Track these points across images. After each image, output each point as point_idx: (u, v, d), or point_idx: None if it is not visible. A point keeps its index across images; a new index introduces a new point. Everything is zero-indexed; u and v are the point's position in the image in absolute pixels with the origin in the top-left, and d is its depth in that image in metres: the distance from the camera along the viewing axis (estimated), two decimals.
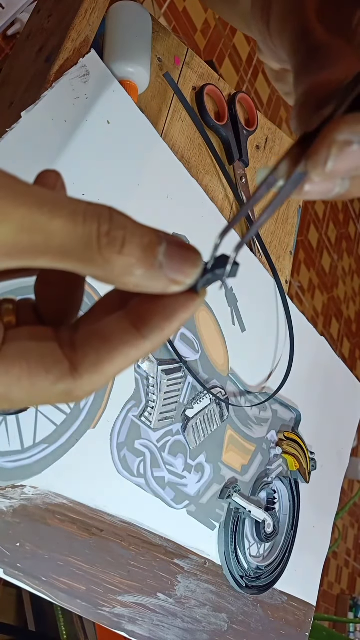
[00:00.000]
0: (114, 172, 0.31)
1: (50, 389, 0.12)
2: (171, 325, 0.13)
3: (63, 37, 0.30)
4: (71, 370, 0.12)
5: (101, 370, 0.12)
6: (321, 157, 0.13)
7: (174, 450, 0.33)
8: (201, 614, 0.34)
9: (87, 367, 0.12)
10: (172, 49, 0.38)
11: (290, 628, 0.41)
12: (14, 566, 0.25)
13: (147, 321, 0.12)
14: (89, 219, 0.11)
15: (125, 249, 0.11)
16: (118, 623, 0.29)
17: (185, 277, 0.12)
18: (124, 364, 0.12)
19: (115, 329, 0.12)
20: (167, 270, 0.12)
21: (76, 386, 0.12)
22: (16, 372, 0.12)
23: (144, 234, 0.12)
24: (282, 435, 0.42)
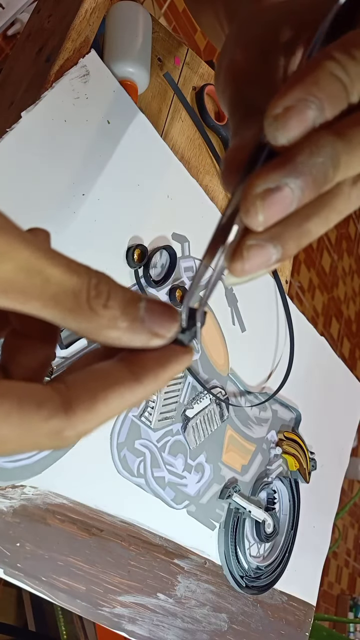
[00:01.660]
0: (114, 172, 0.31)
1: (41, 427, 0.11)
2: (165, 373, 0.13)
3: (63, 37, 0.30)
4: (64, 406, 0.12)
5: (95, 409, 0.12)
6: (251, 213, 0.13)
7: (174, 450, 0.33)
8: (201, 614, 0.34)
9: (81, 405, 0.12)
10: (172, 49, 0.38)
11: (290, 628, 0.41)
12: (14, 566, 0.25)
13: (143, 366, 0.13)
14: (83, 272, 0.12)
15: (110, 302, 0.12)
16: (118, 623, 0.29)
17: (166, 331, 0.13)
18: (118, 406, 0.12)
19: (110, 370, 0.12)
20: (149, 323, 0.13)
21: (69, 424, 0.12)
22: (6, 406, 0.11)
23: (126, 290, 0.13)
24: (282, 435, 0.42)
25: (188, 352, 0.13)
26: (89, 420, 0.12)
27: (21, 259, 0.11)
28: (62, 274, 0.12)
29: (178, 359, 0.13)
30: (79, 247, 0.29)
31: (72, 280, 0.12)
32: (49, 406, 0.12)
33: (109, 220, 0.31)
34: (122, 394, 0.12)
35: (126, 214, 0.32)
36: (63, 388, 0.12)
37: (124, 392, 0.12)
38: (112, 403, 0.12)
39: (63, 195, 0.29)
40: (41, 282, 0.11)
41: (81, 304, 0.12)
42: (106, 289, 0.12)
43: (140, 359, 0.13)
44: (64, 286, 0.12)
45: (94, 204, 0.30)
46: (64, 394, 0.12)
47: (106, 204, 0.31)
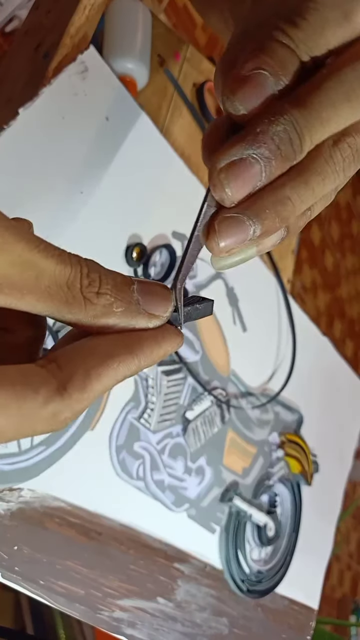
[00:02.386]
0: (113, 169, 0.31)
1: (39, 412, 0.11)
2: (160, 349, 0.13)
3: (61, 33, 0.30)
4: (59, 389, 0.12)
5: (90, 388, 0.12)
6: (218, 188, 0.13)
7: (174, 452, 0.33)
8: (201, 618, 0.33)
9: (76, 385, 0.12)
10: (172, 45, 0.37)
11: (292, 632, 0.40)
12: (11, 569, 0.24)
13: (138, 340, 0.13)
14: (74, 262, 0.12)
15: (102, 288, 0.12)
16: (117, 627, 0.28)
17: (162, 310, 0.13)
18: (112, 380, 0.12)
19: (103, 344, 0.12)
20: (144, 305, 0.13)
21: (65, 406, 0.12)
22: (2, 397, 0.11)
23: (116, 275, 0.13)
24: (284, 438, 0.41)
25: (179, 335, 0.13)
26: (85, 399, 0.12)
27: (15, 253, 0.11)
28: (55, 265, 0.12)
29: (171, 338, 0.13)
30: (78, 246, 0.29)
31: (65, 272, 0.12)
32: (45, 391, 0.11)
33: (107, 218, 0.30)
34: (116, 369, 0.12)
35: (125, 212, 0.31)
36: (55, 368, 0.12)
37: (118, 367, 0.12)
38: (106, 379, 0.12)
39: (61, 193, 0.28)
40: (35, 276, 0.11)
41: (75, 294, 0.12)
42: (97, 276, 0.12)
43: (136, 335, 0.13)
44: (57, 278, 0.12)
45: (92, 202, 0.29)
46: (57, 375, 0.12)
47: (105, 201, 0.30)
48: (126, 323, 0.12)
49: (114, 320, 0.12)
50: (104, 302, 0.12)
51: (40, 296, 0.11)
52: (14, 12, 0.48)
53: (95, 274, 0.12)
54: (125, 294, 0.12)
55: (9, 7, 0.46)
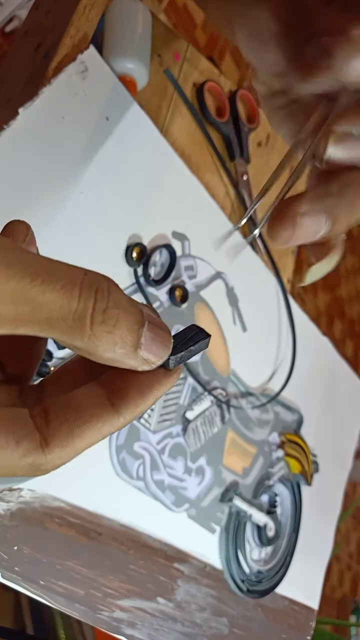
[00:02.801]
0: (113, 169, 0.31)
1: (18, 462, 0.12)
2: (146, 401, 0.13)
3: (61, 34, 0.30)
4: (42, 443, 0.12)
5: (72, 445, 0.12)
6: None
7: (174, 452, 0.33)
8: (201, 618, 0.33)
9: (58, 442, 0.12)
10: (172, 45, 0.37)
11: (292, 632, 0.40)
12: (11, 570, 0.24)
13: (123, 396, 0.12)
14: (85, 293, 0.11)
15: (115, 329, 0.11)
16: (117, 627, 0.28)
17: (157, 359, 0.12)
18: (95, 439, 0.12)
19: (89, 402, 0.12)
20: (144, 351, 0.12)
21: (45, 460, 0.12)
22: None
23: (133, 313, 0.12)
24: (284, 438, 0.41)
25: (171, 377, 0.13)
26: (65, 456, 0.12)
27: (6, 293, 0.10)
28: (59, 299, 0.11)
29: (160, 384, 0.13)
30: (77, 246, 0.29)
31: (72, 306, 0.11)
32: (27, 444, 0.12)
33: (107, 218, 0.30)
34: (100, 429, 0.12)
35: (125, 212, 0.31)
36: (43, 421, 0.12)
37: (102, 426, 0.12)
38: (89, 437, 0.12)
39: (61, 193, 0.28)
40: (31, 310, 0.10)
41: (83, 328, 0.11)
42: (115, 314, 0.11)
43: (122, 386, 0.12)
44: (61, 311, 0.11)
45: (92, 201, 0.29)
46: (43, 430, 0.12)
47: (105, 201, 0.30)
48: (120, 362, 0.12)
49: (112, 357, 0.12)
50: (110, 341, 0.11)
51: (38, 326, 0.11)
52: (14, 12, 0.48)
53: (114, 310, 0.11)
54: (133, 336, 0.12)
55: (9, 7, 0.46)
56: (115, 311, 0.11)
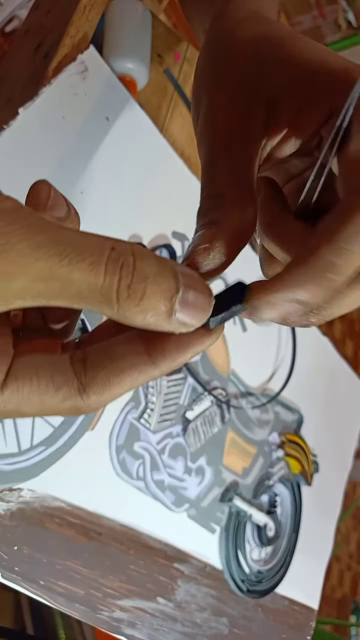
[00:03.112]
0: (113, 169, 0.31)
1: (58, 405, 0.12)
2: (184, 357, 0.13)
3: (61, 34, 0.30)
4: (79, 390, 0.12)
5: (109, 392, 0.12)
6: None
7: (174, 452, 0.33)
8: (201, 618, 0.33)
9: (95, 389, 0.12)
10: (172, 45, 0.37)
11: (292, 632, 0.40)
12: (11, 569, 0.24)
13: (160, 350, 0.13)
14: (111, 269, 0.11)
15: (143, 302, 0.11)
16: (117, 627, 0.28)
17: (195, 322, 0.12)
18: (130, 387, 0.13)
19: (127, 352, 0.13)
20: (179, 315, 0.12)
21: (83, 404, 0.12)
22: (26, 390, 0.12)
23: (162, 282, 0.12)
24: (284, 438, 0.41)
25: (211, 336, 0.13)
26: (101, 402, 0.13)
27: (34, 272, 0.10)
28: (86, 277, 0.11)
29: (198, 342, 0.13)
30: None
31: (98, 282, 0.11)
32: (65, 390, 0.12)
33: (107, 218, 0.30)
34: (136, 378, 0.13)
35: (125, 212, 0.31)
36: (81, 369, 0.12)
37: (137, 376, 0.13)
38: (125, 385, 0.13)
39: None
40: (61, 286, 0.11)
41: (110, 302, 0.11)
42: (142, 288, 0.11)
43: (160, 340, 0.13)
44: (89, 288, 0.11)
45: (92, 201, 0.29)
46: (81, 376, 0.12)
47: (105, 201, 0.30)
48: (154, 326, 0.12)
49: (144, 322, 0.12)
50: (139, 312, 0.11)
51: (69, 300, 0.11)
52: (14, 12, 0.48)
53: (140, 284, 0.11)
54: (165, 305, 0.12)
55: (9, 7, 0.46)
56: (141, 285, 0.11)
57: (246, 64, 0.16)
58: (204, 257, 0.14)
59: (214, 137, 0.16)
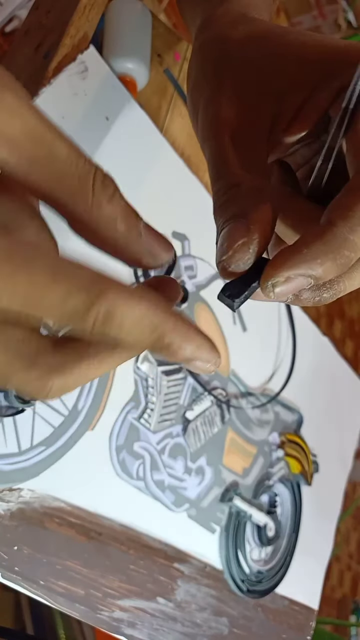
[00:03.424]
0: (113, 169, 0.31)
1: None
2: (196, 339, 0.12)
3: (61, 34, 0.30)
4: (55, 348, 0.12)
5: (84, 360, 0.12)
6: None
7: (174, 452, 0.33)
8: (201, 618, 0.33)
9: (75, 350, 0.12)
10: (172, 45, 0.37)
11: (292, 632, 0.40)
12: (11, 569, 0.24)
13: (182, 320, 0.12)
14: (89, 161, 0.12)
15: (114, 200, 0.12)
16: (117, 627, 0.28)
17: (160, 253, 0.13)
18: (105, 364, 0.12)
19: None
20: (146, 239, 0.12)
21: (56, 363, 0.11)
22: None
23: (128, 205, 0.13)
24: (284, 438, 0.41)
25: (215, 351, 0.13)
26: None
27: (29, 124, 0.11)
28: (70, 153, 0.12)
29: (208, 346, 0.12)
30: (76, 246, 0.29)
31: (79, 163, 0.12)
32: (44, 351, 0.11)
33: None
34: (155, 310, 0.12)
35: None
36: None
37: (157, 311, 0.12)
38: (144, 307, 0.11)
39: None
40: (46, 155, 0.11)
41: (85, 190, 0.12)
42: (113, 188, 0.12)
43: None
44: (70, 166, 0.11)
45: None
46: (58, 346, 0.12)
47: None
48: (124, 243, 0.12)
49: (114, 235, 0.12)
50: (110, 211, 0.12)
51: (49, 178, 0.11)
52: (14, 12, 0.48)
53: (111, 185, 0.12)
54: (132, 219, 0.12)
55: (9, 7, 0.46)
56: (112, 186, 0.12)
57: (246, 62, 0.16)
58: (244, 253, 0.14)
59: (222, 134, 0.16)
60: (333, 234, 0.13)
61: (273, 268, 0.13)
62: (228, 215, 0.14)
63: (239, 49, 0.17)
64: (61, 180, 0.11)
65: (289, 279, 0.13)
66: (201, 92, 0.17)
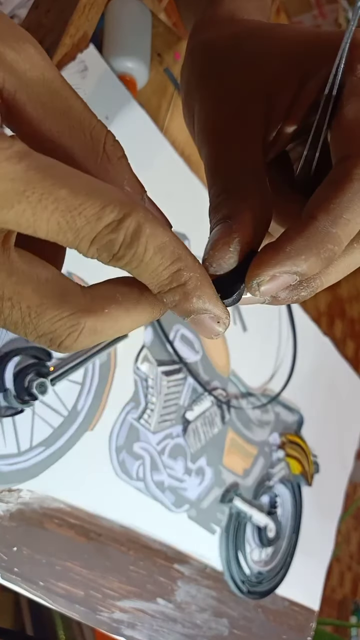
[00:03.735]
0: None
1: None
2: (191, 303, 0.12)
3: (61, 33, 0.30)
4: (83, 290, 0.12)
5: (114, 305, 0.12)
6: None
7: (174, 453, 0.33)
8: (201, 619, 0.33)
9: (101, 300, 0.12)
10: (172, 44, 0.37)
11: (292, 633, 0.40)
12: (11, 570, 0.24)
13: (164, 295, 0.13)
14: (102, 123, 0.12)
15: (123, 161, 0.13)
16: (117, 628, 0.28)
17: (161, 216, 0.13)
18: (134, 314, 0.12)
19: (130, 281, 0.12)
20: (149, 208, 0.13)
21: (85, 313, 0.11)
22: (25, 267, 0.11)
23: (134, 173, 0.13)
24: (285, 438, 0.41)
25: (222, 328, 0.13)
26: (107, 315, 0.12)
27: (49, 75, 0.11)
28: (85, 110, 0.12)
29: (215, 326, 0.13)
30: None
31: (93, 121, 0.12)
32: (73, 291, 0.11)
33: None
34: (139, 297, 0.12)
35: None
36: (86, 289, 0.12)
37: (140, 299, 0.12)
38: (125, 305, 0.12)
39: None
40: (62, 107, 0.11)
41: (96, 145, 0.12)
42: (122, 151, 0.13)
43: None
44: (83, 121, 0.12)
45: None
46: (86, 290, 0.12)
47: None
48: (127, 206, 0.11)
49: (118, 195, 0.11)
50: (119, 170, 0.12)
51: (61, 126, 0.11)
52: (13, 12, 0.48)
53: (120, 148, 0.12)
54: (138, 185, 0.13)
55: (9, 6, 0.46)
56: (122, 150, 0.12)
57: (231, 66, 0.16)
58: (224, 252, 0.14)
59: (212, 141, 0.16)
60: (315, 228, 0.13)
61: (257, 267, 0.13)
62: (217, 217, 0.15)
63: (224, 53, 0.17)
64: (74, 133, 0.12)
65: (274, 277, 0.13)
66: (193, 99, 0.17)
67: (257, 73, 0.16)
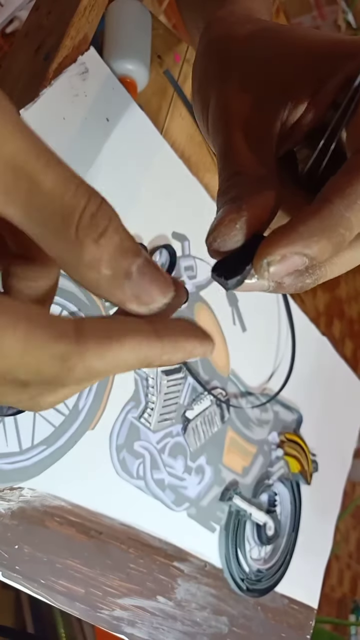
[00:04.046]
0: (113, 170, 0.31)
1: (48, 346, 0.10)
2: (186, 344, 0.12)
3: (62, 35, 0.30)
4: (76, 333, 0.10)
5: (108, 347, 0.10)
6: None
7: (174, 452, 0.33)
8: (201, 617, 0.33)
9: (94, 337, 0.10)
10: (172, 46, 0.37)
11: (291, 631, 0.40)
12: (12, 568, 0.24)
13: (166, 327, 0.12)
14: (81, 192, 0.10)
15: (103, 240, 0.10)
16: (117, 626, 0.28)
17: (150, 301, 0.11)
18: (132, 355, 0.11)
19: (132, 319, 0.11)
20: (136, 284, 0.11)
21: (78, 352, 0.10)
22: (13, 318, 0.09)
23: (127, 238, 0.11)
24: (284, 437, 0.41)
25: (208, 340, 0.13)
26: (99, 357, 0.10)
27: (10, 152, 0.10)
28: (55, 185, 0.10)
29: (199, 340, 0.12)
30: None
31: (65, 197, 0.10)
32: (60, 328, 0.10)
33: None
34: (139, 343, 0.11)
35: (125, 213, 0.31)
36: (78, 320, 0.10)
37: (141, 341, 0.11)
38: (126, 348, 0.11)
39: None
40: (28, 188, 0.10)
41: (68, 229, 0.10)
42: (104, 224, 0.10)
43: (164, 323, 0.12)
44: (52, 202, 0.10)
45: None
46: (78, 323, 0.10)
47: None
48: (106, 290, 0.11)
49: (96, 278, 0.10)
50: (94, 254, 0.10)
51: (29, 213, 0.10)
52: (14, 14, 0.48)
53: (103, 220, 0.10)
54: (122, 261, 0.11)
55: (10, 8, 0.47)
56: (105, 222, 0.10)
57: (254, 56, 0.17)
58: (230, 229, 0.13)
59: (231, 126, 0.16)
60: (330, 211, 0.13)
61: (268, 245, 0.13)
62: (225, 199, 0.14)
63: (246, 45, 0.17)
64: (42, 215, 0.10)
65: (285, 257, 0.13)
66: (209, 90, 0.17)
67: (279, 70, 0.16)
